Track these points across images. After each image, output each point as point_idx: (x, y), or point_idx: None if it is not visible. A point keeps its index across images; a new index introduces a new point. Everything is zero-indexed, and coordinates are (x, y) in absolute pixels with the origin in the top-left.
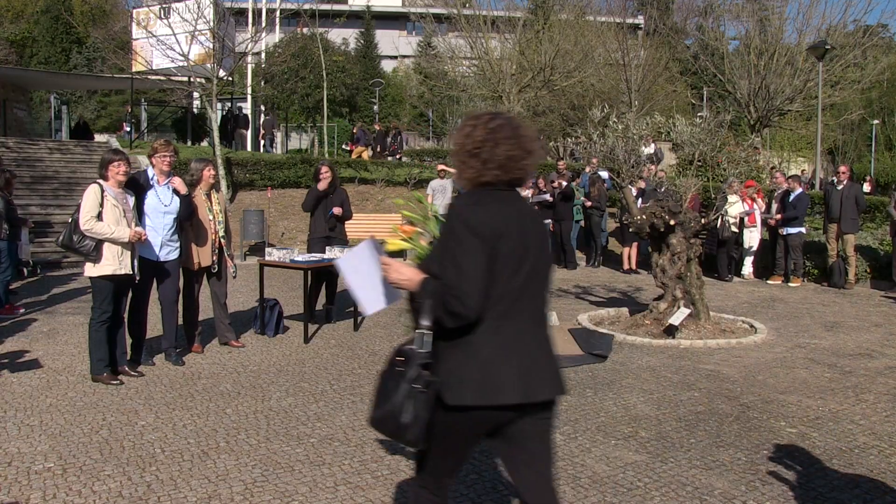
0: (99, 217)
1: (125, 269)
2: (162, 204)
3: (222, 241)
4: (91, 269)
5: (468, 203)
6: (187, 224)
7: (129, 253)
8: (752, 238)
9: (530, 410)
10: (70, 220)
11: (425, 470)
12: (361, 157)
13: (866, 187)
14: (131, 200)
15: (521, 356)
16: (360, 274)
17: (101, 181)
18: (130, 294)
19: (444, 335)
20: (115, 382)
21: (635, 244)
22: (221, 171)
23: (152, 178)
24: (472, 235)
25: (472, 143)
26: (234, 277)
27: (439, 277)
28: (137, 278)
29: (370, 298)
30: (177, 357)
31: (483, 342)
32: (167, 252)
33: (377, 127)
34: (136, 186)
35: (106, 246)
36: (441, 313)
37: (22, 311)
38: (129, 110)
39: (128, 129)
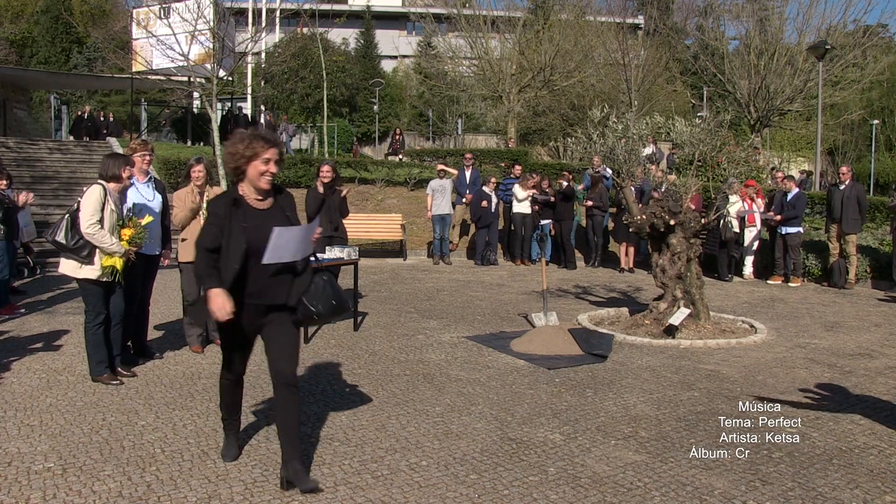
0: (101, 222)
1: (110, 275)
2: (146, 200)
3: None
4: (77, 271)
5: None
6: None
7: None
8: (752, 237)
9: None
10: (66, 217)
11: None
12: None
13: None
14: (125, 207)
15: None
16: (285, 242)
17: (103, 182)
18: (127, 292)
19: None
20: (114, 382)
21: (626, 243)
22: (221, 172)
23: (132, 179)
24: None
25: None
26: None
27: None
28: (122, 284)
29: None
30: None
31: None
32: (153, 247)
33: (268, 118)
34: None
35: (98, 251)
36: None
37: (22, 310)
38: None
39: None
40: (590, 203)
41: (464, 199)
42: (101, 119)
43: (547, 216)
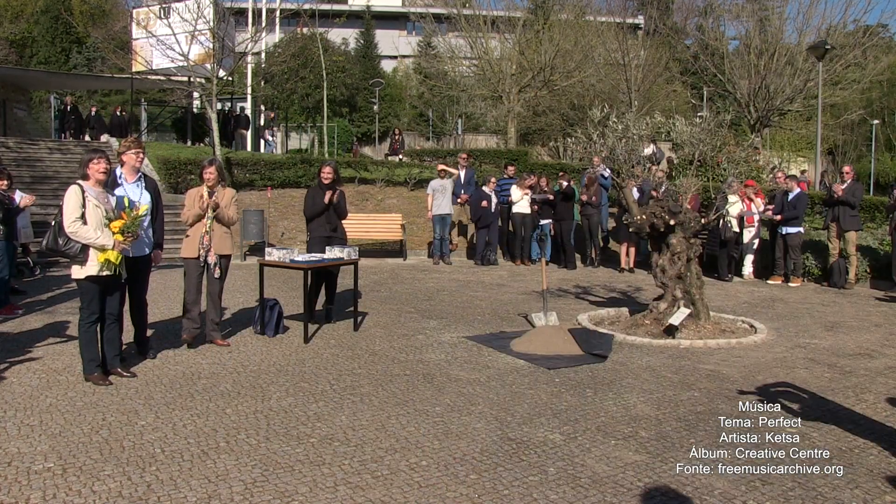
0: (82, 219)
1: (109, 268)
2: (133, 200)
3: (208, 236)
4: (80, 272)
5: None
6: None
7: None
8: (750, 237)
9: None
10: (53, 223)
11: None
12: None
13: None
14: (113, 200)
15: None
16: None
17: (80, 182)
18: (120, 293)
19: None
20: (103, 384)
21: (627, 243)
22: None
23: (120, 177)
24: None
25: None
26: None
27: None
28: (124, 278)
29: None
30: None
31: None
32: (142, 248)
33: (118, 110)
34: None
35: (91, 249)
36: None
37: (20, 311)
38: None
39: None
40: (584, 198)
41: (458, 199)
42: (106, 114)
43: (547, 216)
